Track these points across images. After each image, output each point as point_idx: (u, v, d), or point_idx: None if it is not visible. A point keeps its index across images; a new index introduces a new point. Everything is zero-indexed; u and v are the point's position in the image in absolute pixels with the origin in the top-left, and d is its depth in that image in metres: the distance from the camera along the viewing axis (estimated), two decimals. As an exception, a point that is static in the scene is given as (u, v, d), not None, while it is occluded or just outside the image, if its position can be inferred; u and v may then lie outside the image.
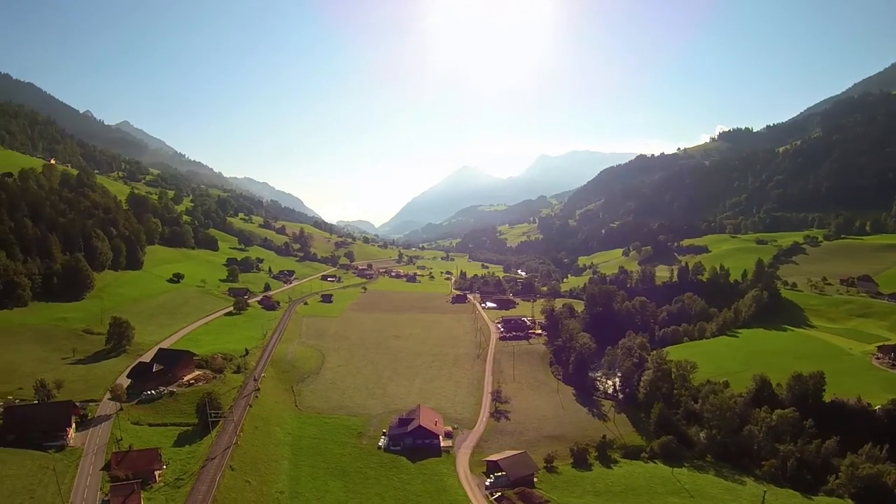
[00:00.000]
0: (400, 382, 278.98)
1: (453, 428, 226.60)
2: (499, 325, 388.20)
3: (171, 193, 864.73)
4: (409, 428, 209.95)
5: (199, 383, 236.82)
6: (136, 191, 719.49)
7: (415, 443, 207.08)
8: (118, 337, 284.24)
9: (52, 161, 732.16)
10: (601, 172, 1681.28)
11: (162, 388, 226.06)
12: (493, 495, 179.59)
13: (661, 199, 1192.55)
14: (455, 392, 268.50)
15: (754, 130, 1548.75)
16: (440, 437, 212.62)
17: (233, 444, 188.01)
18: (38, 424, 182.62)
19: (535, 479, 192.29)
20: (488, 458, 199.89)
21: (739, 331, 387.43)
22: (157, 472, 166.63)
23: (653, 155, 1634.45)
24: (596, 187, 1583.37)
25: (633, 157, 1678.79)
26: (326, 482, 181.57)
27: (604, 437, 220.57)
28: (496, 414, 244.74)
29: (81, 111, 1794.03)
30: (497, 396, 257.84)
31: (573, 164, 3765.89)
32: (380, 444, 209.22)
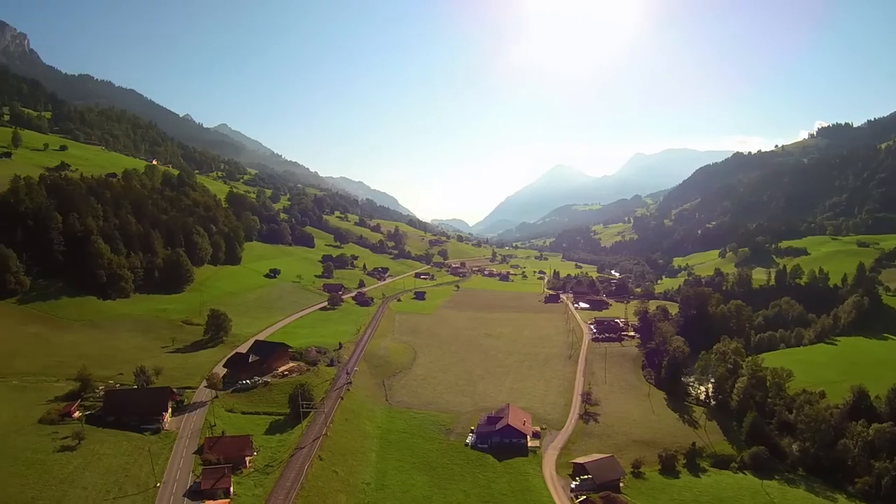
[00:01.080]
0: (490, 381, 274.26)
1: (541, 428, 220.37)
2: (591, 326, 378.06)
3: (268, 192, 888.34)
4: (498, 426, 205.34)
5: (293, 375, 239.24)
6: (234, 190, 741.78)
7: (502, 441, 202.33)
8: (216, 328, 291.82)
9: (154, 162, 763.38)
10: (697, 171, 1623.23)
11: (256, 378, 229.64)
12: (577, 498, 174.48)
13: (758, 199, 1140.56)
14: (545, 392, 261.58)
15: (855, 126, 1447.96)
16: (528, 436, 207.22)
17: (322, 434, 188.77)
18: (136, 408, 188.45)
19: (622, 485, 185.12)
20: (575, 461, 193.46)
21: (838, 338, 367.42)
22: (247, 458, 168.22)
23: (749, 153, 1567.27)
24: (692, 186, 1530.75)
25: (729, 156, 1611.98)
26: (412, 476, 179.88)
27: (693, 444, 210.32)
28: (585, 416, 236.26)
29: (181, 115, 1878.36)
30: (587, 398, 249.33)
31: (668, 163, 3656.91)
32: (467, 441, 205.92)
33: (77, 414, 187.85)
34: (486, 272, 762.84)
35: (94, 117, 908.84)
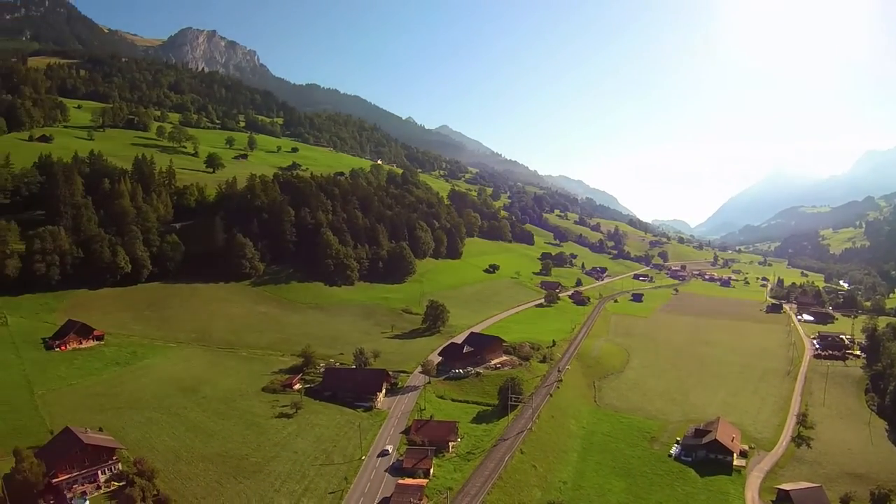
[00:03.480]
0: (702, 391, 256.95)
1: (749, 447, 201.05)
2: (814, 342, 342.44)
3: (489, 190, 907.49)
4: (704, 440, 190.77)
5: (505, 368, 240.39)
6: (456, 188, 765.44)
7: (707, 456, 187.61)
8: (434, 318, 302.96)
9: (379, 162, 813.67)
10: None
11: (469, 369, 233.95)
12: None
13: None
14: (758, 409, 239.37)
15: None
16: (734, 454, 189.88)
17: (527, 429, 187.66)
18: (352, 386, 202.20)
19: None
20: (780, 486, 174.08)
21: None
22: (451, 444, 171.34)
23: None
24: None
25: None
26: (610, 480, 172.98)
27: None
28: (798, 439, 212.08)
29: (404, 118, 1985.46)
30: (802, 420, 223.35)
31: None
32: (671, 451, 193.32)
33: (297, 386, 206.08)
34: (706, 276, 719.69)
35: (322, 122, 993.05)
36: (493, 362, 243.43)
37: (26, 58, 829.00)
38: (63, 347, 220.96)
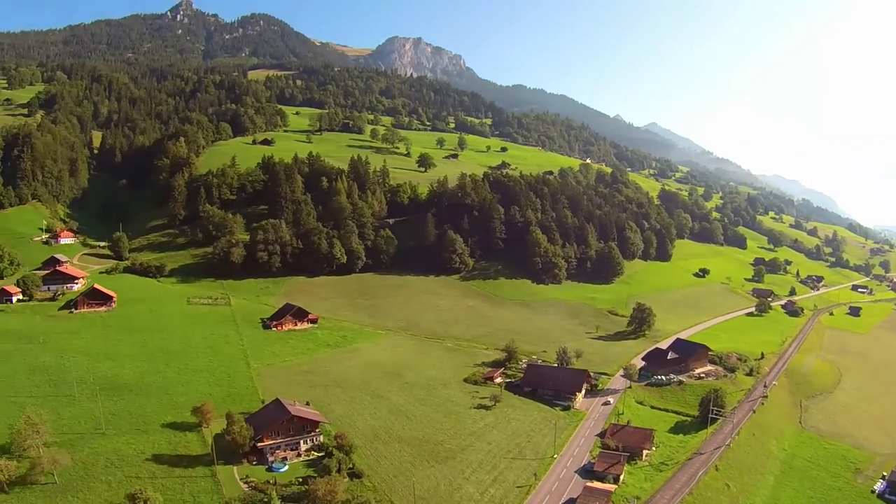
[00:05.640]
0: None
1: None
2: None
3: (700, 190, 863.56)
4: None
5: (709, 378, 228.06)
6: (666, 187, 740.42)
7: None
8: (639, 321, 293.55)
9: (588, 161, 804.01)
10: None
11: (672, 376, 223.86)
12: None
13: None
14: None
15: None
16: None
17: (725, 445, 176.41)
18: (552, 384, 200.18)
19: None
20: None
21: None
22: (645, 452, 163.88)
23: None
24: None
25: None
26: None
27: None
28: None
29: (611, 115, 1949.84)
30: None
31: None
32: (875, 487, 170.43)
33: (498, 380, 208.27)
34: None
35: (529, 121, 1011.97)
36: (697, 371, 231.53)
37: (247, 71, 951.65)
38: (279, 327, 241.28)
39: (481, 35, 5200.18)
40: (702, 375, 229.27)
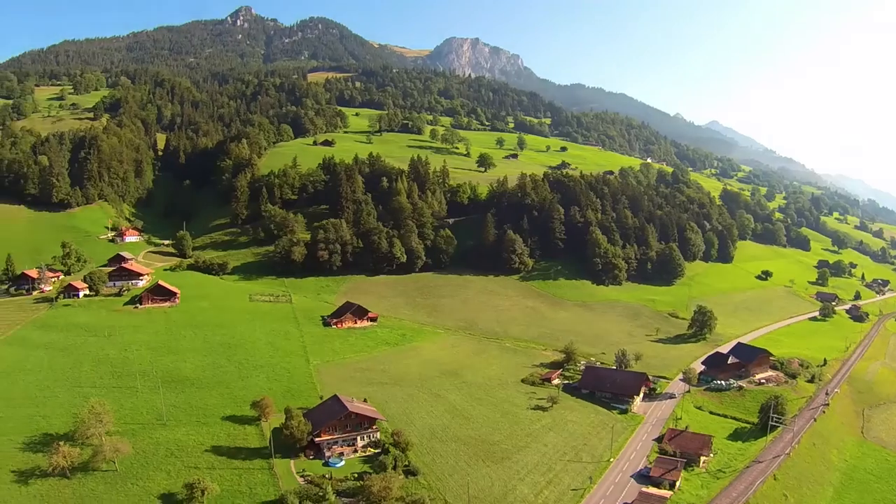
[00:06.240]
0: None
1: None
2: None
3: (762, 190, 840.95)
4: None
5: (770, 384, 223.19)
6: (728, 187, 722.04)
7: None
8: (700, 325, 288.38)
9: (649, 160, 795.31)
10: None
11: (732, 381, 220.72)
12: None
13: None
14: None
15: None
16: None
17: (785, 454, 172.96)
18: (611, 386, 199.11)
19: None
20: None
21: None
22: (702, 458, 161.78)
23: None
24: None
25: None
26: None
27: None
28: None
29: (672, 114, 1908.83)
30: None
31: None
32: None
33: (556, 381, 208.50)
34: None
35: (589, 121, 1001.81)
36: (758, 377, 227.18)
37: (306, 74, 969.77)
38: (339, 325, 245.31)
39: (539, 34, 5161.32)
40: (762, 381, 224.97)
